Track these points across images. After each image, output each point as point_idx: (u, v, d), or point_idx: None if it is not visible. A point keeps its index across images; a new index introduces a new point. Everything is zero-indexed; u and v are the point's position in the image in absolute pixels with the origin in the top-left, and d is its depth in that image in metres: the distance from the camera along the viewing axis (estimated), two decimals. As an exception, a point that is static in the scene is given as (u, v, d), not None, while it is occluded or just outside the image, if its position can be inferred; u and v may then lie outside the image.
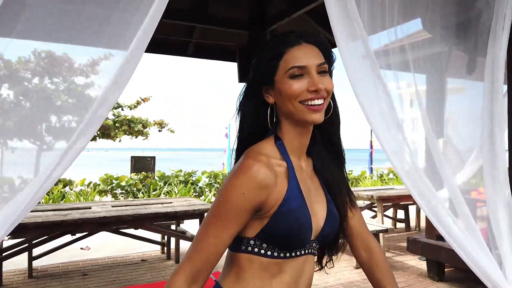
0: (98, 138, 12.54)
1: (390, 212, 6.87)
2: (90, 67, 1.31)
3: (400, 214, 6.96)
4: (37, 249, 4.25)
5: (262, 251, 0.92)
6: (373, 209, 6.35)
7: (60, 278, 4.20)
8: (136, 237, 4.86)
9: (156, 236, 5.25)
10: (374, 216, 6.13)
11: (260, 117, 0.99)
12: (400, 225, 6.83)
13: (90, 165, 23.83)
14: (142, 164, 11.90)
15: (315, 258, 1.05)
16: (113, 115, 12.74)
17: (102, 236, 5.17)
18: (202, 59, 5.22)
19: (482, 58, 1.74)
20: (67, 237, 4.32)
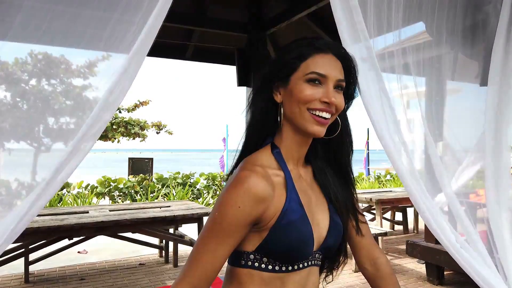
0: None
1: (388, 214, 6.86)
2: (88, 69, 1.30)
3: (398, 216, 6.95)
4: (34, 254, 4.20)
5: (263, 266, 0.89)
6: (372, 212, 6.35)
7: (57, 283, 4.16)
8: (134, 241, 4.83)
9: (154, 240, 5.22)
10: (373, 219, 6.12)
11: (268, 116, 0.96)
12: (398, 227, 6.82)
13: (88, 167, 23.74)
14: (140, 166, 11.84)
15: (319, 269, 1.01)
16: (111, 117, 12.71)
17: (100, 240, 5.13)
18: (201, 63, 5.21)
19: (487, 62, 1.73)
20: (64, 241, 4.28)
